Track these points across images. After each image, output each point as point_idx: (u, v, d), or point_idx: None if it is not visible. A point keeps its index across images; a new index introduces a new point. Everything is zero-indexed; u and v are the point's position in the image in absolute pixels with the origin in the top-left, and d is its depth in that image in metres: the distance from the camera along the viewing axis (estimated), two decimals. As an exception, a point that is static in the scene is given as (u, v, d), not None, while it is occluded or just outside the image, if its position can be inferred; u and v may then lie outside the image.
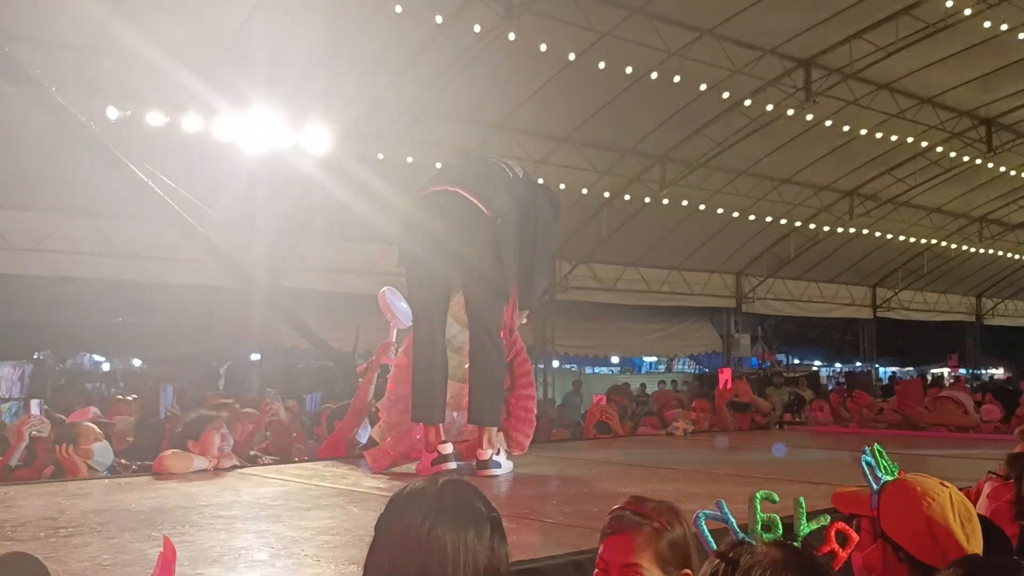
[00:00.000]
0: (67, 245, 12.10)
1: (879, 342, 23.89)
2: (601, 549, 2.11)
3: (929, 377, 19.62)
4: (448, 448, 4.39)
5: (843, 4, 11.67)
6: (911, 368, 26.79)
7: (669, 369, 24.92)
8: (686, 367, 25.17)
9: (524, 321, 5.07)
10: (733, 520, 1.80)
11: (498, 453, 4.44)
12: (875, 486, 2.08)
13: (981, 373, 25.93)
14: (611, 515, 2.13)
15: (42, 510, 3.18)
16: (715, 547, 1.74)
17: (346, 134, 11.45)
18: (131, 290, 13.66)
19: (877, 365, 24.00)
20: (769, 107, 13.63)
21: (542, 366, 17.07)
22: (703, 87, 12.94)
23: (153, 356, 17.15)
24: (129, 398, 7.52)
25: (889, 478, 2.11)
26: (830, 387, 18.87)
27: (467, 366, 4.57)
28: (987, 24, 12.02)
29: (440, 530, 1.66)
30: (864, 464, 2.09)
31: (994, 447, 5.27)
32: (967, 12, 11.73)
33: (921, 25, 12.11)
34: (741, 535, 1.75)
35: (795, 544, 1.70)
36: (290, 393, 9.63)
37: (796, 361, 26.23)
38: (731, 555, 1.59)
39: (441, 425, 4.48)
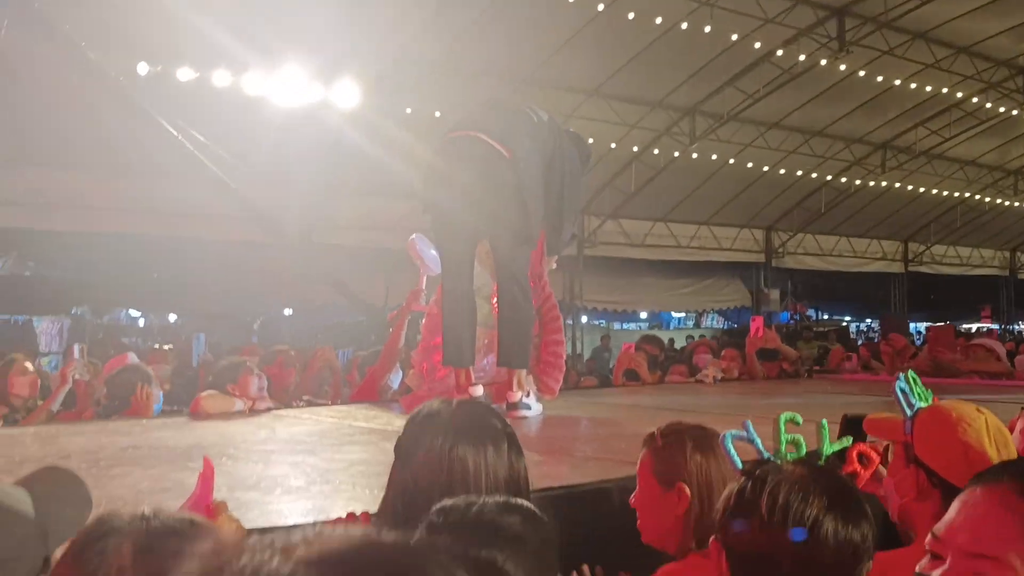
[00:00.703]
0: (103, 201, 12.27)
1: (910, 297, 23.66)
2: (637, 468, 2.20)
3: (963, 330, 19.43)
4: (478, 390, 4.47)
5: (879, -50, 11.43)
6: (942, 324, 26.51)
7: (698, 325, 24.89)
8: (715, 323, 25.11)
9: (553, 267, 5.10)
10: (758, 440, 1.84)
11: (528, 395, 4.51)
12: (909, 412, 2.09)
13: (1014, 328, 25.63)
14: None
15: (84, 446, 3.30)
16: (740, 466, 1.78)
17: (374, 89, 11.45)
18: (166, 246, 13.86)
19: (908, 320, 23.79)
20: (801, 57, 13.42)
21: (570, 322, 17.13)
22: (734, 37, 12.76)
23: (188, 310, 17.42)
24: (165, 347, 7.68)
25: (923, 404, 2.12)
26: (859, 342, 18.80)
27: (495, 311, 4.62)
28: (1027, -31, 11.73)
29: (460, 449, 1.71)
30: (898, 390, 2.10)
31: (1026, 393, 5.26)
32: (1006, -42, 11.45)
33: (959, -29, 11.85)
34: (766, 455, 1.79)
35: (820, 464, 1.74)
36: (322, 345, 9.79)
37: (825, 316, 26.07)
38: (756, 472, 1.63)
39: (472, 369, 4.55)
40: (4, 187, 11.84)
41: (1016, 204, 21.22)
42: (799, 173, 17.34)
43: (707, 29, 12.26)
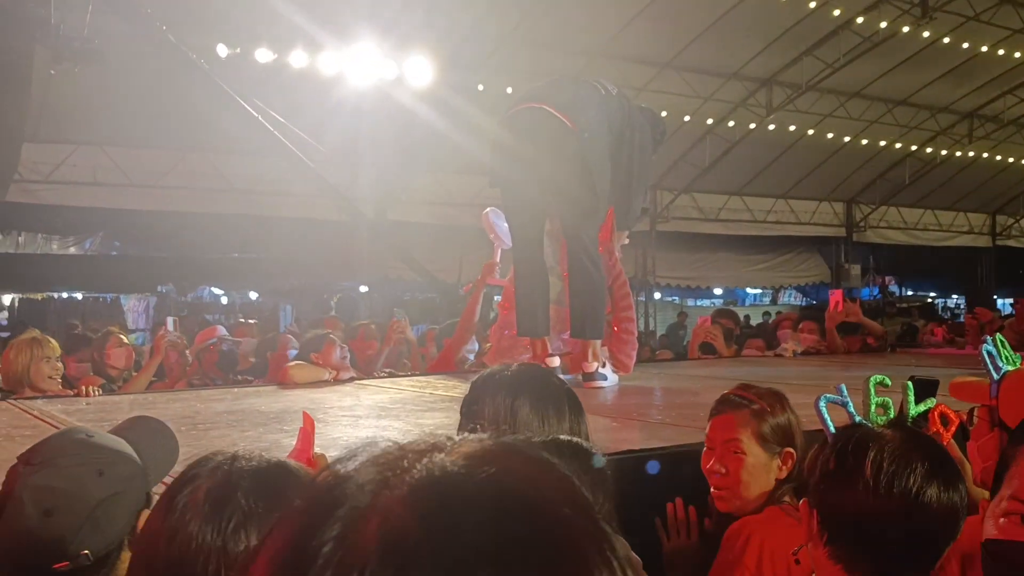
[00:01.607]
0: (185, 181, 12.65)
1: (998, 272, 22.87)
2: (708, 428, 2.22)
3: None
4: (555, 361, 4.49)
5: (965, -90, 11.01)
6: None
7: (774, 301, 24.47)
8: (792, 299, 24.66)
9: (626, 242, 5.08)
10: (851, 403, 1.85)
11: (603, 366, 4.52)
12: (995, 375, 2.06)
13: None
14: (718, 399, 2.24)
15: (180, 411, 3.44)
16: (833, 430, 1.79)
17: (446, 65, 11.51)
18: (246, 224, 14.20)
19: (995, 296, 23.02)
20: (883, 25, 13.02)
21: (643, 298, 17.04)
22: (812, 4, 12.46)
23: (268, 288, 17.84)
24: (250, 321, 7.90)
25: (1010, 367, 2.09)
26: (945, 318, 18.27)
27: (566, 285, 4.63)
28: None
29: (521, 402, 1.76)
30: (984, 353, 2.07)
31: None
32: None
33: (1051, -71, 11.34)
34: (858, 418, 1.80)
35: (910, 426, 1.74)
36: (400, 318, 9.97)
37: (909, 292, 25.39)
38: (854, 437, 1.63)
39: (547, 340, 4.58)
40: (89, 168, 12.29)
41: (1111, 173, 20.33)
42: (882, 144, 16.90)
43: (784, -3, 12.00)
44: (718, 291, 23.13)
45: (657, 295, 19.19)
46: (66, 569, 1.49)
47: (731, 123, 15.05)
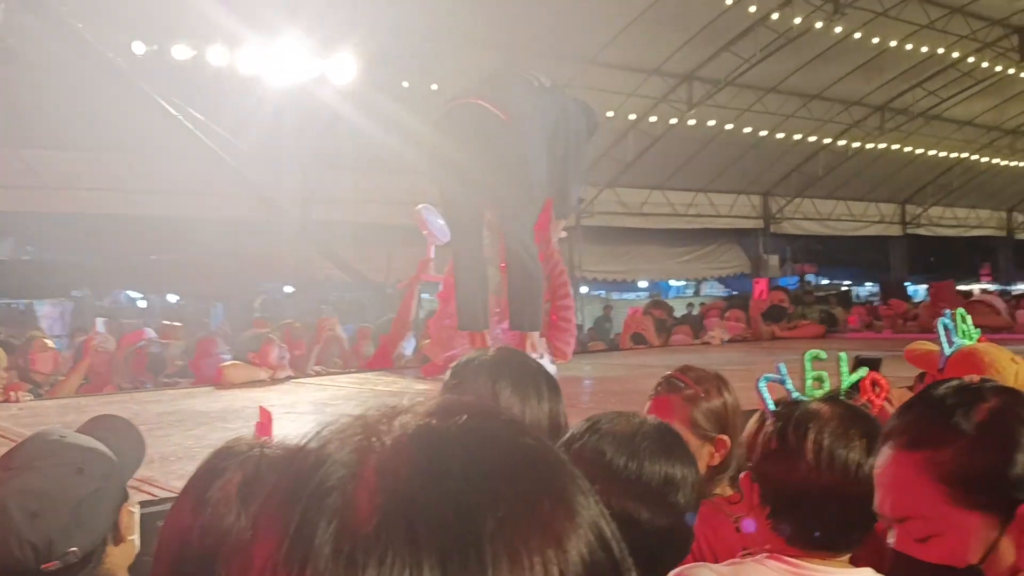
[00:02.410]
0: (100, 182, 12.27)
1: (909, 259, 23.77)
2: (647, 409, 2.27)
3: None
4: (494, 354, 4.53)
5: (873, -91, 11.40)
6: (943, 281, 26.61)
7: (697, 293, 24.94)
8: (715, 290, 25.17)
9: (563, 234, 5.15)
10: (789, 381, 1.91)
11: (541, 357, 4.57)
12: (948, 349, 2.16)
13: (1012, 289, 25.75)
14: (660, 380, 2.28)
15: (118, 413, 3.36)
16: (774, 408, 1.85)
17: (371, 63, 11.43)
18: (164, 225, 13.85)
19: (907, 283, 23.89)
20: (797, 20, 13.40)
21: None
22: (728, 2, 12.74)
23: (188, 291, 17.45)
24: (175, 324, 7.74)
25: (965, 342, 2.19)
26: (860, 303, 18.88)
27: (504, 276, 4.68)
28: (1022, -75, 11.71)
29: (503, 384, 1.79)
30: (940, 325, 2.17)
31: (1028, 346, 5.35)
32: (1001, -86, 11.43)
33: (953, -71, 11.83)
34: (796, 395, 1.86)
35: (842, 398, 1.81)
36: (328, 315, 9.87)
37: (825, 281, 26.16)
38: (794, 415, 1.70)
39: (487, 332, 4.62)
40: (1, 170, 11.84)
41: (1013, 164, 21.31)
42: (797, 137, 17.37)
43: (702, -6, 12.25)
44: (643, 284, 23.48)
45: (584, 289, 19.37)
46: (54, 568, 1.52)
47: (653, 118, 15.29)
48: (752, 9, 13.11)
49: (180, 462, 2.28)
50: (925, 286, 25.56)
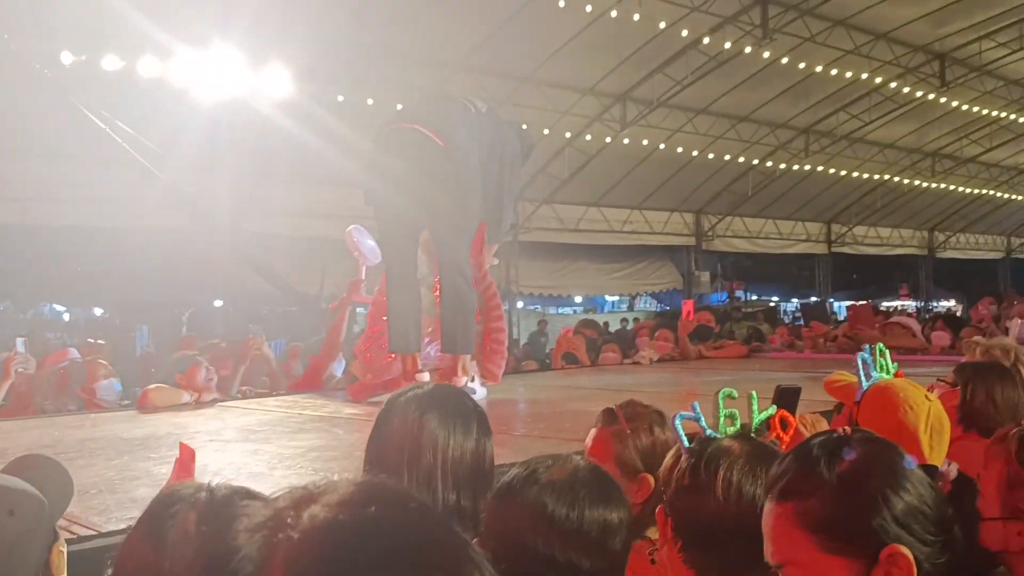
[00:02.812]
0: (24, 191, 11.93)
1: (834, 276, 24.42)
2: (589, 439, 2.32)
3: (883, 308, 20.14)
4: (425, 376, 4.55)
5: (799, -60, 11.76)
6: (861, 303, 27.41)
7: (631, 308, 25.27)
8: (648, 305, 25.54)
9: (495, 261, 5.21)
10: (703, 419, 1.98)
11: (472, 380, 4.62)
12: (864, 383, 2.25)
13: (933, 305, 26.62)
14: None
15: (38, 440, 3.31)
16: (688, 445, 1.92)
17: (305, 76, 11.36)
18: (91, 236, 13.53)
19: (832, 299, 24.56)
20: (727, 45, 13.73)
21: (506, 307, 17.23)
22: (662, 25, 13.00)
23: (114, 304, 17.05)
24: (99, 342, 7.57)
25: (884, 376, 2.28)
26: (787, 320, 19.36)
27: (438, 299, 4.71)
28: (940, -41, 12.18)
29: (430, 419, 1.83)
30: (859, 360, 2.25)
31: (941, 367, 5.56)
32: (921, -53, 11.88)
33: (876, -40, 12.25)
34: (709, 432, 1.93)
35: (752, 436, 1.89)
36: (255, 335, 9.75)
37: (754, 297, 26.73)
38: (706, 451, 1.77)
39: (418, 355, 4.64)
40: (-80, 180, 11.45)
41: (933, 185, 22.03)
42: (727, 157, 17.75)
43: (636, 17, 12.46)
44: (578, 299, 23.72)
45: (520, 304, 19.48)
46: None
47: (588, 137, 15.47)
48: (684, 33, 13.40)
49: (101, 495, 2.26)
50: (849, 303, 26.34)
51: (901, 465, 1.42)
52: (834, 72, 15.43)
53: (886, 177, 20.97)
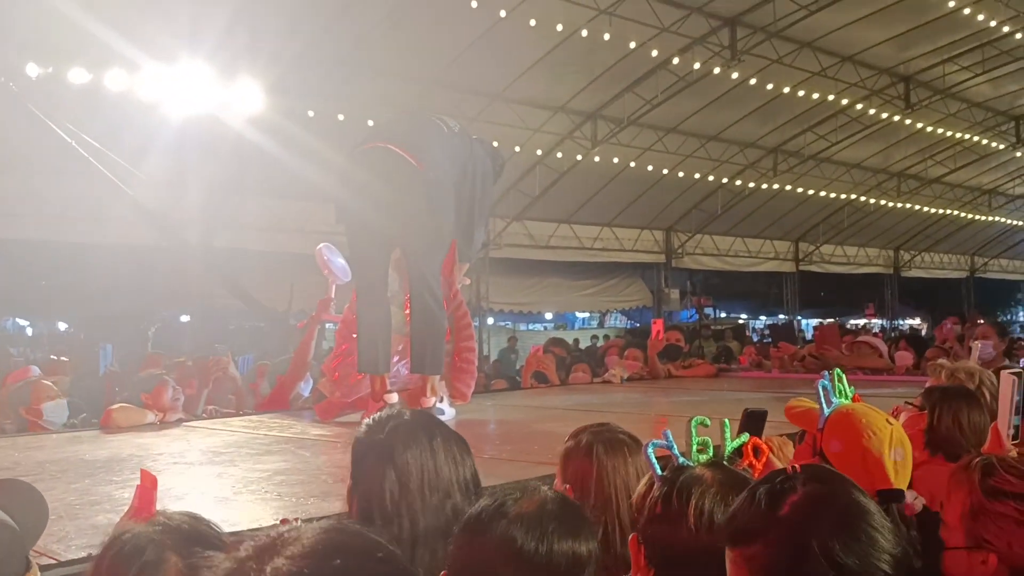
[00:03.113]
0: (-12, 205, 11.77)
1: (801, 294, 24.67)
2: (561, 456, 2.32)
3: (850, 326, 20.35)
4: (393, 397, 4.52)
5: (767, -37, 11.93)
6: (832, 320, 27.72)
7: (601, 324, 25.35)
8: (618, 322, 25.63)
9: (467, 281, 5.20)
10: (675, 447, 1.98)
11: (441, 400, 4.59)
12: (826, 409, 2.26)
13: (899, 324, 26.94)
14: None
15: (-3, 461, 3.24)
16: (661, 473, 1.91)
17: (275, 90, 11.31)
18: (56, 250, 13.36)
19: (800, 316, 24.79)
20: (696, 65, 13.86)
21: (477, 324, 17.21)
22: (632, 45, 13.11)
23: (79, 318, 16.81)
24: (62, 359, 7.46)
25: (844, 401, 2.29)
26: (755, 338, 19.50)
27: (408, 318, 4.68)
28: (905, -17, 12.40)
29: (411, 452, 1.82)
30: (820, 387, 2.26)
31: (906, 387, 5.63)
32: (886, -29, 12.10)
33: (842, -17, 12.45)
34: (682, 460, 1.93)
35: (725, 463, 1.89)
36: (222, 353, 9.65)
37: (723, 314, 26.92)
38: (679, 480, 1.76)
39: (387, 375, 4.61)
40: None
41: (899, 205, 22.34)
42: (696, 176, 17.90)
43: (606, 37, 12.56)
44: (549, 316, 23.74)
45: (490, 320, 19.47)
46: None
47: (559, 154, 15.55)
48: (654, 53, 13.52)
49: (60, 522, 2.21)
50: (817, 321, 26.60)
51: (854, 505, 1.38)
52: (801, 93, 15.65)
53: (853, 197, 21.24)
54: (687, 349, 8.17)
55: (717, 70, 14.04)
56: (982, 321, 8.58)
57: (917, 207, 23.01)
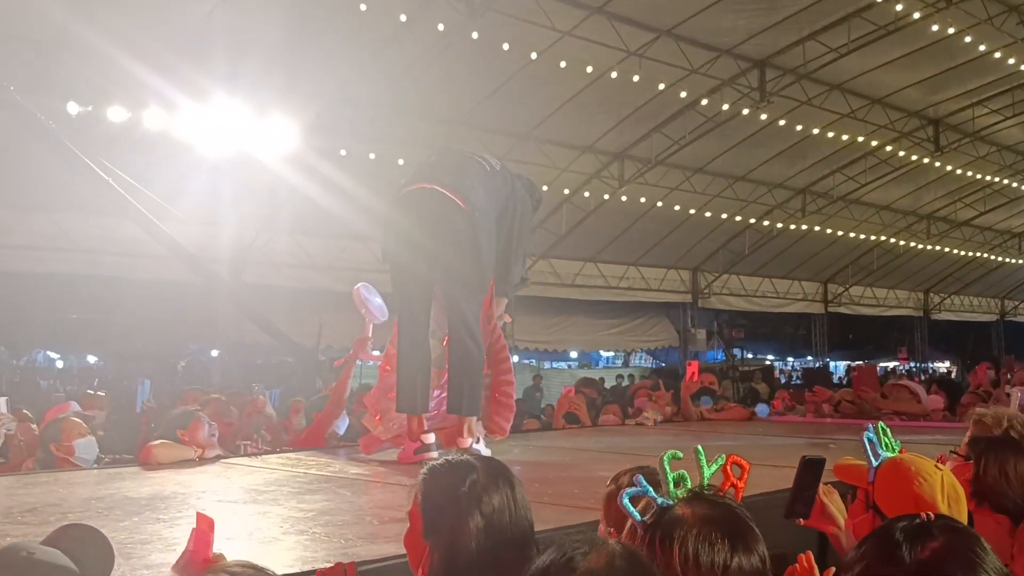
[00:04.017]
0: (25, 240, 11.96)
1: (830, 336, 24.45)
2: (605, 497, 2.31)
3: (882, 369, 20.13)
4: (430, 438, 4.52)
5: (797, 6, 12.00)
6: (861, 362, 27.45)
7: (626, 364, 25.23)
8: (643, 362, 25.50)
9: (508, 319, 5.21)
10: (651, 489, 1.92)
11: (477, 441, 4.59)
12: (874, 461, 2.25)
13: (928, 367, 26.61)
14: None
15: (43, 498, 3.26)
16: (640, 519, 1.86)
17: (309, 129, 11.48)
18: (89, 285, 13.54)
19: (828, 359, 24.55)
20: (725, 106, 13.93)
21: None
22: (661, 86, 13.20)
23: (109, 352, 16.97)
24: (99, 393, 7.53)
25: (889, 454, 2.28)
26: (782, 379, 19.33)
27: (447, 355, 4.69)
28: (935, 27, 12.44)
29: (488, 499, 1.83)
30: (865, 440, 2.26)
31: (943, 434, 5.56)
32: (916, 15, 12.14)
33: (872, 27, 12.50)
34: (660, 501, 1.87)
35: (706, 493, 1.83)
36: (249, 389, 9.70)
37: (749, 355, 26.72)
38: (660, 523, 1.73)
39: (424, 416, 4.61)
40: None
41: (928, 247, 22.18)
42: (724, 216, 17.88)
43: (635, 78, 12.67)
44: (573, 354, 23.66)
45: (515, 358, 19.41)
46: None
47: (586, 193, 15.61)
48: (683, 94, 13.60)
49: (115, 561, 2.22)
50: (846, 363, 26.32)
51: (981, 555, 1.41)
52: (831, 135, 15.66)
53: (882, 238, 21.13)
54: (720, 392, 8.10)
55: (746, 111, 14.10)
56: (1020, 367, 8.46)
57: (947, 249, 22.83)
